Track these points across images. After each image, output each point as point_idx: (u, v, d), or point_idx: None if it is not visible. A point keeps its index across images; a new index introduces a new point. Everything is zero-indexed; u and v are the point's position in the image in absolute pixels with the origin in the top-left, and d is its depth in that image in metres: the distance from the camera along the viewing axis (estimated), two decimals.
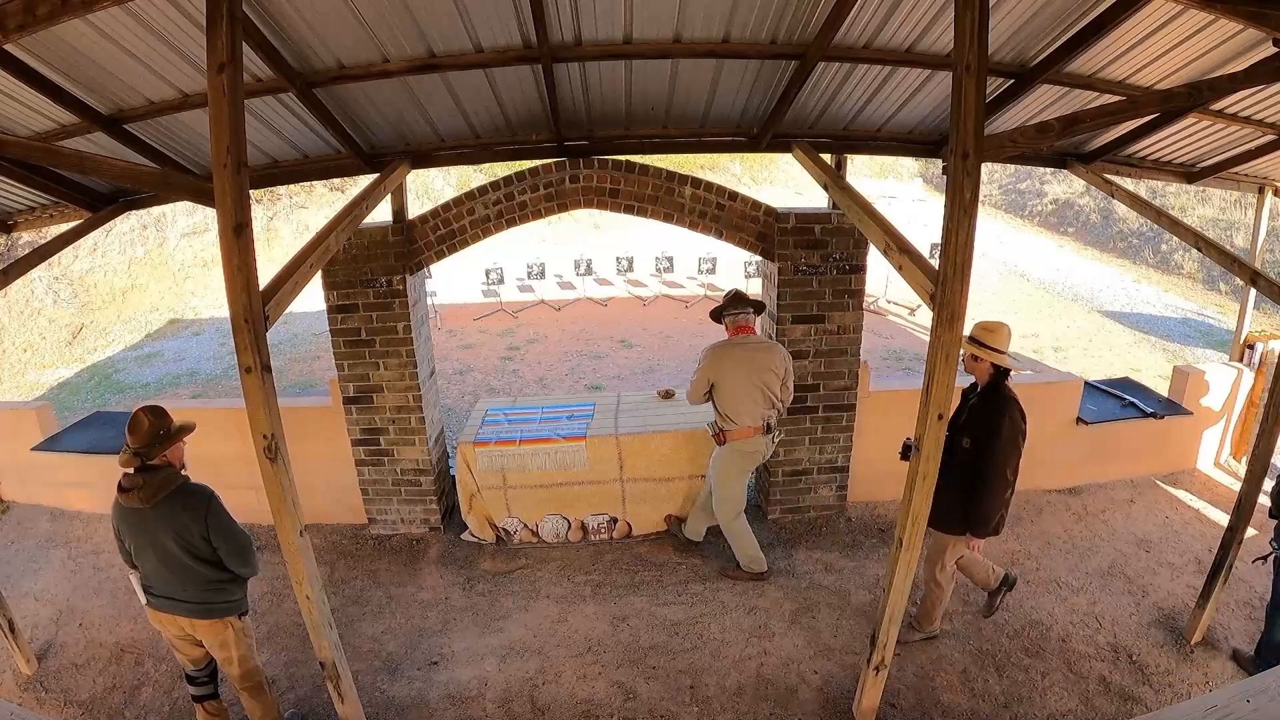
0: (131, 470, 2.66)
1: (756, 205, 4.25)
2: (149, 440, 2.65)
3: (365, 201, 3.43)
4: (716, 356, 3.82)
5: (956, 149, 2.30)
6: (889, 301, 10.68)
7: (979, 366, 3.20)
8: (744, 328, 3.92)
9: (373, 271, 4.20)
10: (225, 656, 2.90)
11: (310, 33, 2.83)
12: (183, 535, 2.66)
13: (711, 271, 10.98)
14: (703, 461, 4.50)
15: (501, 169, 11.34)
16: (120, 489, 2.67)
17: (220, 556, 2.73)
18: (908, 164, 20.32)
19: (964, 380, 3.07)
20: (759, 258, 4.42)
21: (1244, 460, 5.36)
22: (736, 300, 3.97)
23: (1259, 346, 5.43)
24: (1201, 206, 13.28)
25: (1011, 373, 3.23)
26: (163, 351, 9.53)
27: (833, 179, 3.62)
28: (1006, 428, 3.10)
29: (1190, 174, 4.74)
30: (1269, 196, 4.98)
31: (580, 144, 4.06)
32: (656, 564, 4.37)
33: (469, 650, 3.74)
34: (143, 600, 2.82)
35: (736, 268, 10.66)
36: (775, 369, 3.86)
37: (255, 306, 2.33)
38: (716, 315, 4.03)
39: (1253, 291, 5.16)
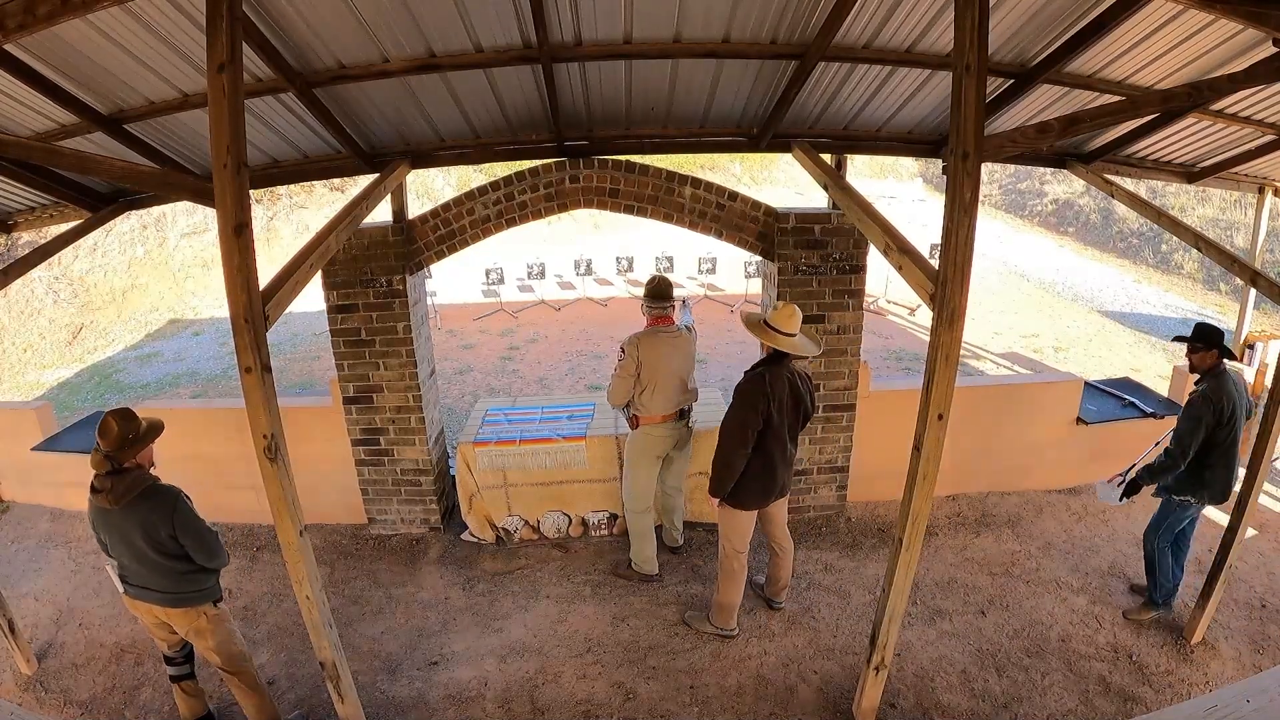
0: (102, 472, 2.73)
1: (756, 205, 4.25)
2: (118, 444, 2.73)
3: (365, 201, 3.43)
4: (643, 342, 3.86)
5: (956, 149, 2.30)
6: (889, 301, 10.67)
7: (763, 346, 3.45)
8: (664, 319, 3.94)
9: (373, 271, 4.20)
10: (203, 645, 2.97)
11: (310, 33, 2.83)
12: (150, 534, 2.74)
13: (711, 271, 10.97)
14: (702, 459, 4.50)
15: (501, 169, 11.34)
16: (92, 489, 2.76)
17: (189, 552, 2.80)
18: (908, 164, 20.31)
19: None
20: (759, 258, 4.42)
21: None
22: (663, 295, 3.93)
23: (1259, 346, 5.43)
24: (1201, 206, 13.27)
25: (790, 357, 3.41)
26: (163, 351, 9.53)
27: (833, 179, 3.62)
28: (734, 400, 3.37)
29: (1190, 174, 4.74)
30: (1269, 196, 4.98)
31: (580, 144, 4.05)
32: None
33: (469, 650, 3.74)
34: (120, 589, 2.90)
35: (736, 268, 10.65)
36: (692, 357, 4.02)
37: (255, 306, 2.33)
38: (662, 295, 3.95)
39: (1253, 291, 5.16)
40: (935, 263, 2.51)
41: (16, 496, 5.38)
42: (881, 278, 10.46)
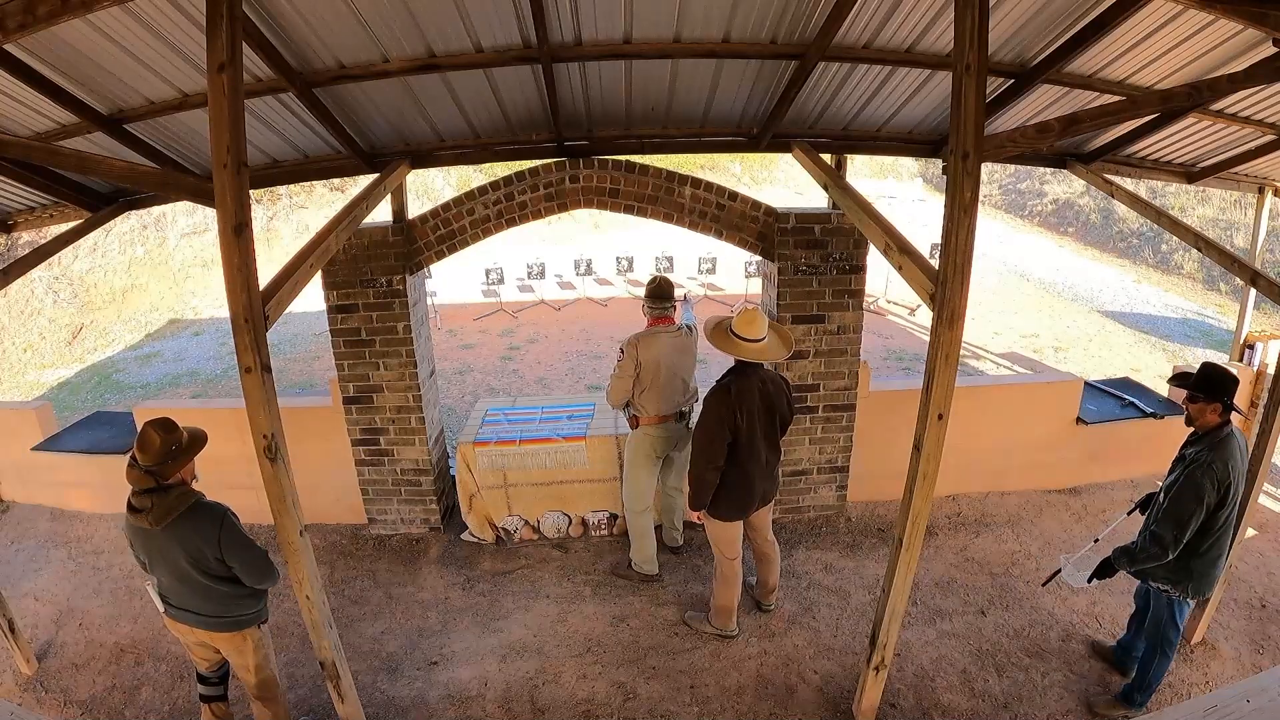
0: (141, 490, 2.52)
1: (756, 205, 4.25)
2: (160, 459, 2.50)
3: (365, 201, 3.43)
4: (643, 342, 3.84)
5: (956, 149, 2.30)
6: (889, 301, 10.67)
7: None
8: (665, 318, 3.93)
9: (373, 271, 4.20)
10: (242, 664, 2.85)
11: (310, 33, 2.83)
12: (196, 557, 2.57)
13: (711, 271, 10.97)
14: None
15: (501, 169, 11.34)
16: (129, 508, 2.54)
17: (237, 574, 2.66)
18: (908, 164, 20.31)
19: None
20: (759, 258, 4.42)
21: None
22: (665, 295, 3.92)
23: (1259, 346, 5.43)
24: (1201, 206, 13.27)
25: (758, 365, 3.37)
26: (163, 351, 9.53)
27: (833, 179, 3.62)
28: (700, 416, 3.33)
29: (1190, 174, 4.74)
30: (1269, 196, 4.98)
31: (580, 144, 4.05)
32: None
33: (469, 650, 3.74)
34: (160, 609, 2.75)
35: (736, 268, 10.66)
36: (693, 356, 4.01)
37: (255, 306, 2.33)
38: (663, 295, 3.94)
39: (1253, 291, 5.16)
40: (935, 263, 2.51)
41: (16, 496, 5.38)
42: (881, 278, 10.47)
